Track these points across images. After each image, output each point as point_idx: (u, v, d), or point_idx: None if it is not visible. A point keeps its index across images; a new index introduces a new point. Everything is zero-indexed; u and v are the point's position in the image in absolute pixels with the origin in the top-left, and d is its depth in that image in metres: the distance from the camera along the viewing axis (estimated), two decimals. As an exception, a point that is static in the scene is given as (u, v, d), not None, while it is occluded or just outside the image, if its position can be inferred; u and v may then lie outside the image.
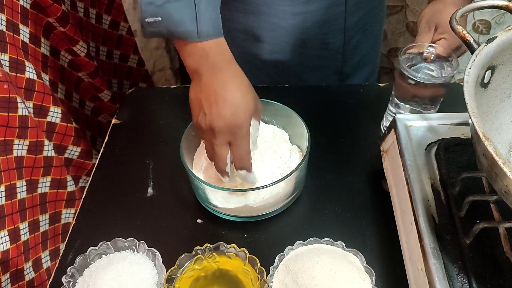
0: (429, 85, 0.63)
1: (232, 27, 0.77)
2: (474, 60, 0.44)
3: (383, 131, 0.71)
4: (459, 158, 0.55)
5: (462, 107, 0.42)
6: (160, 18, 0.51)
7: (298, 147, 0.67)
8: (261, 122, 0.67)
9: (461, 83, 0.44)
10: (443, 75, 0.64)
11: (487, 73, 0.47)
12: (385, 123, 0.73)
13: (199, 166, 0.65)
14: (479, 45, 0.46)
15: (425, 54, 0.65)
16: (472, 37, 0.49)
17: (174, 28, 0.52)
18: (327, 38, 0.79)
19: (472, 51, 0.47)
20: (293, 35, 0.78)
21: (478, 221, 0.46)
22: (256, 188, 0.58)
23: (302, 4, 0.74)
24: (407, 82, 0.64)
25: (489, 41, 0.46)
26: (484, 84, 0.47)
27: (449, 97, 0.78)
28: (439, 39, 0.68)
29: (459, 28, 0.49)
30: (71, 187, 0.78)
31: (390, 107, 0.71)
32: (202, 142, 0.67)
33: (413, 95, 0.66)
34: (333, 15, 0.76)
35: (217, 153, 0.56)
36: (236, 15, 0.76)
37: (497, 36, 0.46)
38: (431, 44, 0.65)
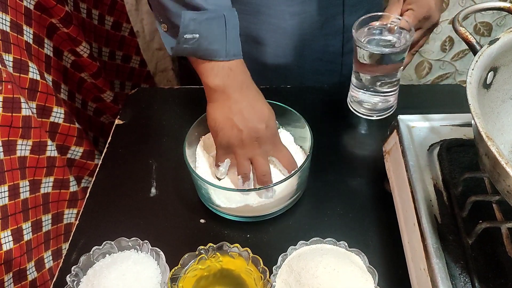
0: (380, 58, 0.63)
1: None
2: (476, 61, 0.45)
3: (350, 107, 0.73)
4: (461, 159, 0.55)
5: (464, 108, 0.42)
6: (197, 35, 0.53)
7: (301, 147, 0.67)
8: None
9: (463, 85, 0.44)
10: (398, 46, 0.63)
11: (489, 74, 0.47)
12: (350, 98, 0.73)
13: (202, 166, 0.65)
14: (481, 47, 0.47)
15: (389, 25, 0.64)
16: (475, 39, 0.49)
17: (207, 46, 0.54)
18: (327, 39, 0.79)
19: (475, 52, 0.47)
20: (293, 36, 0.78)
21: (481, 221, 0.46)
22: (259, 189, 0.58)
23: (300, 4, 0.74)
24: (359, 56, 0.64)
25: (491, 42, 0.46)
26: (486, 85, 0.48)
27: (451, 98, 0.78)
28: (407, 10, 0.66)
29: (462, 30, 0.50)
30: (73, 187, 0.78)
31: (352, 78, 0.70)
32: (201, 139, 0.67)
33: (368, 69, 0.66)
34: (331, 15, 0.76)
35: (261, 163, 0.59)
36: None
37: (499, 38, 0.46)
38: (395, 18, 0.64)
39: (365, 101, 0.70)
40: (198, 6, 0.53)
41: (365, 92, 0.69)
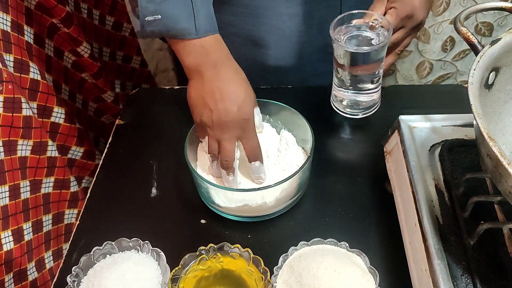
0: (359, 56, 0.62)
1: (230, 32, 0.77)
2: (478, 61, 0.44)
3: (333, 106, 0.72)
4: (463, 159, 0.55)
5: (466, 109, 0.42)
6: (159, 16, 0.52)
7: (303, 148, 0.67)
8: (270, 125, 0.68)
9: (464, 85, 0.44)
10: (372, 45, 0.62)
11: (491, 74, 0.47)
12: (332, 97, 0.72)
13: (203, 165, 0.65)
14: (483, 47, 0.47)
15: (370, 24, 0.63)
16: (477, 39, 0.49)
17: (173, 25, 0.53)
18: (326, 41, 0.79)
19: (476, 52, 0.47)
20: (292, 38, 0.78)
21: (482, 222, 0.46)
22: (260, 189, 0.58)
23: (298, 5, 0.74)
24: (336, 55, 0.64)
25: (493, 42, 0.46)
26: (488, 86, 0.48)
27: (452, 99, 0.78)
28: (390, 8, 0.65)
29: (464, 30, 0.49)
30: (74, 187, 0.78)
31: (333, 77, 0.70)
32: (201, 141, 0.67)
33: (348, 69, 0.65)
34: (330, 17, 0.76)
35: (226, 147, 0.57)
36: (234, 20, 0.76)
37: (501, 38, 0.46)
38: (377, 16, 0.63)
39: (347, 99, 0.70)
40: None
41: (347, 90, 0.68)
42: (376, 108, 0.71)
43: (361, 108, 0.70)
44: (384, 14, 0.65)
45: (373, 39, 0.63)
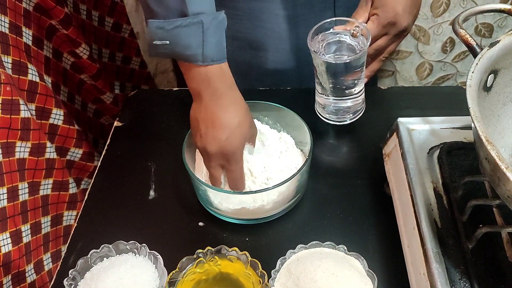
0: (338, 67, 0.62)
1: (227, 35, 0.77)
2: (477, 64, 0.44)
3: (319, 114, 0.71)
4: (461, 162, 0.55)
5: (464, 111, 0.42)
6: (168, 42, 0.52)
7: (301, 150, 0.67)
8: (268, 127, 0.68)
9: (463, 87, 0.44)
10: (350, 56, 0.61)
11: (489, 77, 0.47)
12: (316, 104, 0.72)
13: (201, 168, 0.65)
14: (481, 49, 0.46)
15: (351, 31, 0.62)
16: (475, 41, 0.49)
17: (181, 51, 0.53)
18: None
19: (475, 55, 0.46)
20: (289, 40, 0.77)
21: (481, 225, 0.46)
22: (258, 191, 0.58)
23: (293, 8, 0.73)
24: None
25: (491, 45, 0.46)
26: (486, 88, 0.47)
27: (451, 101, 0.78)
28: (373, 15, 0.64)
29: (462, 32, 0.49)
30: (73, 189, 0.78)
31: (316, 85, 0.69)
32: None
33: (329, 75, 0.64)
34: (323, 17, 0.76)
35: (211, 174, 0.59)
36: (230, 23, 0.76)
37: (499, 40, 0.46)
38: (359, 24, 0.62)
39: (331, 106, 0.68)
40: (176, 11, 0.51)
41: (328, 97, 0.67)
42: (361, 113, 0.70)
43: (346, 114, 0.69)
44: (368, 21, 0.65)
45: (352, 46, 0.62)
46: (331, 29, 0.63)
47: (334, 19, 0.63)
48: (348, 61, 0.61)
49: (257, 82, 0.82)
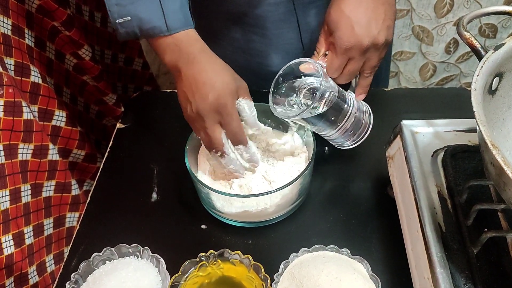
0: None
1: (221, 40, 0.77)
2: (481, 67, 0.44)
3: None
4: (466, 165, 0.55)
5: (469, 113, 0.41)
6: (129, 18, 0.53)
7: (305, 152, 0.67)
8: (271, 129, 0.68)
9: (468, 88, 0.43)
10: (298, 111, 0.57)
11: (494, 80, 0.46)
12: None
13: (204, 170, 0.64)
14: (486, 52, 0.46)
15: (321, 71, 0.56)
16: (480, 44, 0.48)
17: (144, 25, 0.54)
18: (297, 36, 0.78)
19: (480, 57, 0.46)
20: (281, 46, 0.77)
21: (486, 230, 0.46)
22: (261, 194, 0.58)
23: (282, 13, 0.72)
24: None
25: (496, 48, 0.45)
26: (491, 91, 0.47)
27: (455, 102, 0.77)
28: (330, 43, 0.59)
29: (467, 34, 0.49)
30: (75, 190, 0.78)
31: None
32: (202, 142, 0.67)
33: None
34: (317, 20, 0.75)
35: (211, 135, 0.57)
36: (222, 28, 0.76)
37: (504, 43, 0.46)
38: (312, 63, 0.58)
39: (335, 139, 0.64)
40: None
41: (325, 133, 0.63)
42: (371, 127, 0.65)
43: (353, 136, 0.64)
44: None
45: (316, 84, 0.58)
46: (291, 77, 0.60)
47: (288, 64, 0.59)
48: (314, 114, 0.57)
49: (255, 86, 0.82)
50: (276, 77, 0.60)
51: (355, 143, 0.65)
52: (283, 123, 0.68)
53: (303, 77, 0.60)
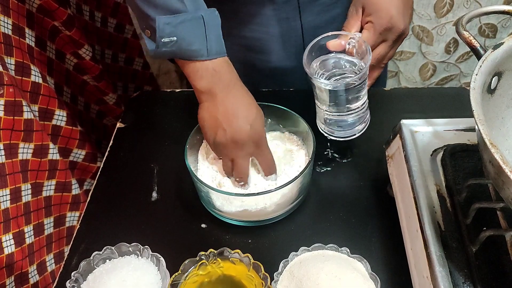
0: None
1: (226, 38, 0.77)
2: (480, 66, 0.44)
3: (321, 129, 0.66)
4: (465, 164, 0.55)
5: (468, 112, 0.41)
6: (175, 38, 0.53)
7: (305, 152, 0.67)
8: (271, 129, 0.69)
9: (467, 88, 0.43)
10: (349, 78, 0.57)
11: (493, 79, 0.47)
12: (318, 120, 0.66)
13: (204, 169, 0.64)
14: (485, 51, 0.46)
15: (347, 48, 0.58)
16: (479, 43, 0.48)
17: (187, 47, 0.54)
18: (299, 34, 0.78)
19: (479, 57, 0.46)
20: (285, 42, 0.77)
21: (485, 228, 0.46)
22: (260, 193, 0.58)
23: (286, 11, 0.73)
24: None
25: (495, 47, 0.45)
26: (490, 90, 0.47)
27: (455, 102, 0.77)
28: (367, 22, 0.60)
29: (466, 34, 0.49)
30: (75, 190, 0.78)
31: (316, 102, 0.64)
32: (203, 142, 0.67)
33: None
34: (320, 19, 0.75)
35: (239, 164, 0.59)
36: (228, 26, 0.76)
37: (503, 42, 0.46)
38: (353, 35, 0.58)
39: (333, 123, 0.64)
40: (176, 10, 0.53)
41: (331, 113, 0.63)
42: (365, 128, 0.65)
43: (350, 128, 0.64)
44: (361, 30, 0.61)
45: (353, 61, 0.59)
46: (326, 46, 0.59)
47: (327, 34, 0.59)
48: (349, 87, 0.57)
49: (259, 84, 0.82)
50: (308, 47, 0.59)
51: (353, 135, 0.65)
52: (283, 120, 0.68)
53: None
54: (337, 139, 0.65)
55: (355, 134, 0.65)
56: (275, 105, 0.67)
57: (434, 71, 1.37)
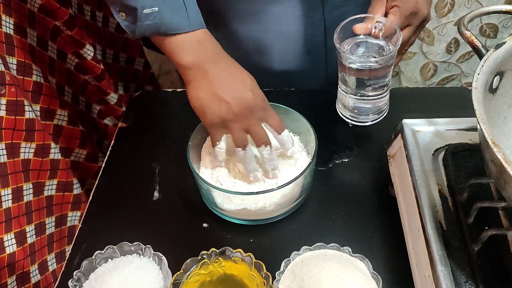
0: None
1: (235, 38, 0.77)
2: (482, 65, 0.44)
3: (339, 112, 0.68)
4: (467, 164, 0.55)
5: (470, 112, 0.41)
6: (157, 8, 0.52)
7: (306, 151, 0.67)
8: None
9: (469, 87, 0.43)
10: (381, 56, 0.59)
11: (495, 78, 0.47)
12: (338, 103, 0.68)
13: (206, 167, 0.64)
14: (487, 51, 0.46)
15: (373, 30, 0.59)
16: (481, 42, 0.48)
17: (169, 19, 0.53)
18: (331, 43, 0.79)
19: (480, 56, 0.46)
20: (297, 42, 0.77)
21: (487, 228, 0.46)
22: (263, 192, 0.58)
23: (301, 9, 0.73)
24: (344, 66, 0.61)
25: (497, 46, 0.46)
26: (492, 90, 0.47)
27: (456, 102, 0.77)
28: (392, 7, 0.61)
29: (467, 33, 0.49)
30: (77, 189, 0.78)
31: (339, 82, 0.66)
32: (207, 140, 0.67)
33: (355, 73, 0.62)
34: (333, 18, 0.75)
35: (257, 131, 0.58)
36: (238, 27, 0.76)
37: (505, 42, 0.46)
38: (380, 19, 0.60)
39: (354, 106, 0.65)
40: None
41: (353, 96, 0.64)
42: (385, 114, 0.67)
43: (369, 114, 0.66)
44: (386, 14, 0.62)
45: (382, 45, 0.60)
46: (353, 30, 0.60)
47: (355, 17, 0.60)
48: (376, 67, 0.59)
49: (263, 83, 0.82)
50: (339, 28, 0.60)
51: (365, 122, 0.66)
52: (284, 119, 0.68)
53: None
54: (354, 123, 0.66)
55: (367, 122, 0.66)
56: (277, 104, 0.67)
57: (435, 71, 1.37)
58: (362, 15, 0.61)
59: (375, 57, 0.60)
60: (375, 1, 0.63)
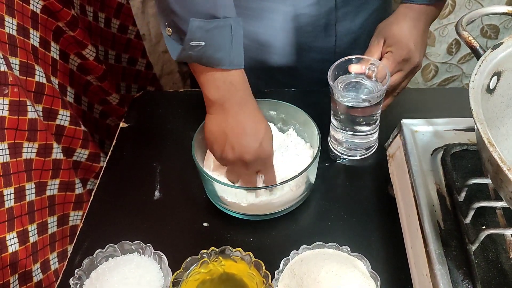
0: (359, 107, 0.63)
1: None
2: (479, 66, 0.44)
3: (330, 147, 0.71)
4: (465, 164, 0.55)
5: (468, 112, 0.42)
6: (203, 43, 0.52)
7: (310, 147, 0.67)
8: (274, 125, 0.69)
9: (467, 88, 0.44)
10: (369, 96, 0.62)
11: (493, 79, 0.47)
12: (330, 137, 0.72)
13: (210, 161, 0.65)
14: (485, 51, 0.46)
15: (367, 71, 0.63)
16: (478, 43, 0.49)
17: (212, 54, 0.53)
18: (331, 41, 0.79)
19: (478, 56, 0.47)
20: (298, 39, 0.78)
21: (484, 227, 0.46)
22: (268, 187, 0.59)
23: (303, 7, 0.73)
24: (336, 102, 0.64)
25: (495, 47, 0.46)
26: (490, 90, 0.47)
27: (456, 102, 0.77)
28: (387, 52, 0.66)
29: (465, 34, 0.49)
30: (79, 189, 0.79)
31: (331, 117, 0.69)
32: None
33: (344, 112, 0.65)
34: (334, 17, 0.76)
35: (247, 180, 0.60)
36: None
37: (503, 42, 0.46)
38: (374, 61, 0.63)
39: (345, 141, 0.69)
40: (210, 15, 0.51)
41: (344, 132, 0.67)
42: (374, 150, 0.71)
43: (358, 149, 0.69)
44: (381, 58, 0.66)
45: (372, 87, 0.63)
46: (348, 69, 0.64)
47: (351, 57, 0.63)
48: (367, 105, 0.62)
49: (264, 81, 0.82)
50: (334, 66, 0.63)
51: (353, 157, 0.71)
52: (287, 119, 0.69)
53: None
54: (347, 157, 0.70)
55: (356, 156, 0.70)
56: (281, 101, 0.67)
57: (436, 72, 1.37)
58: (358, 56, 0.64)
59: (365, 95, 0.63)
60: (372, 45, 0.67)
